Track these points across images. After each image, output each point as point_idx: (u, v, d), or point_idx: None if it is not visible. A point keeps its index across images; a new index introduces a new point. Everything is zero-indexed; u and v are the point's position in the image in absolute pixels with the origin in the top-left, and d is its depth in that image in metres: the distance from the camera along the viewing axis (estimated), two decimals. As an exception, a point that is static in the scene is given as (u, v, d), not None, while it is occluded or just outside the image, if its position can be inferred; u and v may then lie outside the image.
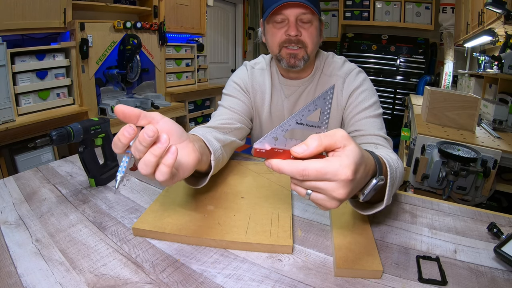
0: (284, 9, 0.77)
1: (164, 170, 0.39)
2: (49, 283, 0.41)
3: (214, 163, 0.57)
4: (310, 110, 0.39)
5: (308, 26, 0.80)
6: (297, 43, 0.80)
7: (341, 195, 0.38)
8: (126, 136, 0.38)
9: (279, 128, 0.39)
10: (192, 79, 3.09)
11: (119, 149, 0.39)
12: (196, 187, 0.57)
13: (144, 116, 0.40)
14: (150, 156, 0.38)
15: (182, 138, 0.45)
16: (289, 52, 0.81)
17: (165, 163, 0.39)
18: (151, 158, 0.38)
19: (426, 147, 1.50)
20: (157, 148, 0.38)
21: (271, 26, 0.83)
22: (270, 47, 0.87)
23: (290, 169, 0.38)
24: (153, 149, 0.38)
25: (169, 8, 2.66)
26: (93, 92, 2.16)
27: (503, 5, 1.64)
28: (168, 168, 0.39)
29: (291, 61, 0.82)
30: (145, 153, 0.38)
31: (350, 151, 0.38)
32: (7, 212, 0.58)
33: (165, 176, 0.39)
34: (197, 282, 0.42)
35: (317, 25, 0.82)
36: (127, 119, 0.39)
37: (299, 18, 0.79)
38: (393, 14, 3.93)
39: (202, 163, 0.52)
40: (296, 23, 0.79)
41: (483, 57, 2.40)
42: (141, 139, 0.37)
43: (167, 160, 0.39)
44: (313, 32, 0.81)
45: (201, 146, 0.54)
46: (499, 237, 0.53)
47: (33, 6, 1.77)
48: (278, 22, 0.80)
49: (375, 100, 0.85)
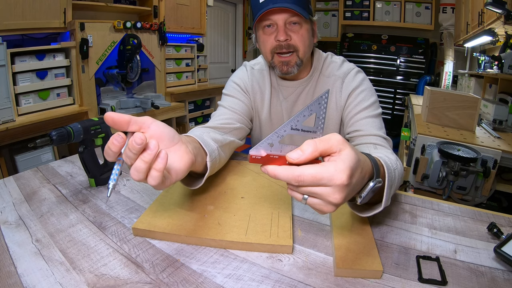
0: (270, 14, 0.76)
1: (155, 175, 0.39)
2: (49, 283, 0.41)
3: (210, 164, 0.57)
4: (305, 116, 0.39)
5: (298, 29, 0.78)
6: (288, 47, 0.79)
7: (337, 199, 0.38)
8: (116, 145, 0.38)
9: (274, 134, 0.39)
10: (192, 79, 3.09)
11: (110, 157, 0.39)
12: (192, 187, 0.58)
13: (135, 122, 0.40)
14: (140, 162, 0.38)
15: (174, 141, 0.45)
16: (281, 60, 0.81)
17: (156, 168, 0.39)
18: (142, 165, 0.38)
19: (426, 147, 1.50)
20: (147, 154, 0.38)
21: (261, 33, 0.82)
22: (263, 54, 0.86)
23: (286, 175, 0.38)
24: (143, 155, 0.38)
25: (169, 8, 2.66)
26: (93, 92, 2.16)
27: (503, 5, 1.64)
28: (159, 173, 0.39)
29: (284, 69, 0.81)
30: (135, 159, 0.38)
31: (346, 156, 0.38)
32: (7, 212, 0.58)
33: (157, 181, 0.40)
34: (197, 282, 0.42)
35: (308, 26, 0.81)
36: (117, 126, 0.39)
37: (287, 22, 0.77)
38: (393, 14, 3.93)
39: (197, 164, 0.52)
40: (285, 27, 0.77)
41: (483, 57, 2.40)
42: (130, 146, 0.37)
43: (157, 165, 0.39)
44: (304, 35, 0.79)
45: (196, 147, 0.53)
46: (499, 237, 0.53)
47: (33, 6, 1.77)
48: (268, 27, 0.79)
49: (374, 100, 0.84)
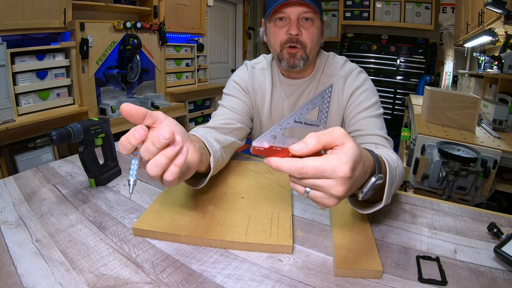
0: (285, 7, 0.77)
1: (174, 171, 0.39)
2: (49, 283, 0.41)
3: (213, 165, 0.57)
4: (308, 109, 0.39)
5: (309, 26, 0.80)
6: (297, 42, 0.80)
7: (339, 192, 0.38)
8: (137, 138, 0.37)
9: (278, 126, 0.39)
10: (192, 79, 3.09)
11: (127, 150, 0.38)
12: (195, 187, 0.58)
13: (150, 116, 0.39)
14: (161, 157, 0.37)
15: (185, 139, 0.44)
16: (290, 52, 0.81)
17: (176, 164, 0.39)
18: (163, 160, 0.37)
19: (426, 147, 1.50)
20: (170, 150, 0.37)
21: (272, 25, 0.82)
22: (271, 47, 0.86)
23: (288, 167, 0.38)
24: (166, 151, 0.37)
25: (169, 8, 2.66)
26: (93, 92, 2.16)
27: (503, 5, 1.64)
28: (178, 169, 0.39)
29: (291, 61, 0.82)
30: (155, 154, 0.38)
31: (348, 149, 0.38)
32: (7, 212, 0.58)
33: (174, 176, 0.39)
34: (197, 282, 0.42)
35: (319, 25, 0.82)
36: (133, 119, 0.38)
37: (300, 17, 0.78)
38: (393, 14, 3.93)
39: (202, 164, 0.52)
40: (298, 22, 0.78)
41: (483, 57, 2.40)
42: (155, 140, 0.36)
43: (178, 160, 0.39)
44: (314, 32, 0.81)
45: (201, 147, 0.54)
46: (499, 237, 0.53)
47: (33, 6, 1.77)
48: (280, 21, 0.80)
49: (376, 100, 0.85)
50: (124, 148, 0.38)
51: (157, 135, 0.36)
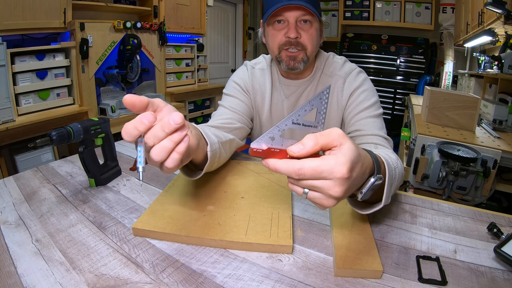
0: (283, 11, 0.77)
1: (176, 157, 0.39)
2: (49, 283, 0.41)
3: (210, 155, 0.57)
4: (306, 110, 0.39)
5: (308, 28, 0.80)
6: (297, 45, 0.80)
7: (337, 193, 0.38)
8: (146, 124, 0.37)
9: (276, 128, 0.39)
10: (192, 79, 3.09)
11: (132, 137, 0.38)
12: (191, 178, 0.58)
13: (152, 104, 0.39)
14: (168, 142, 0.38)
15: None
16: (288, 55, 0.81)
17: (178, 151, 0.39)
18: (169, 145, 0.38)
19: (426, 147, 1.50)
20: (177, 135, 0.38)
21: (270, 28, 0.83)
22: (270, 49, 0.87)
23: (287, 169, 0.38)
24: (173, 136, 0.38)
25: (169, 8, 2.66)
26: (93, 92, 2.16)
27: (503, 5, 1.64)
28: (180, 155, 0.39)
29: (291, 63, 0.82)
30: (161, 140, 0.38)
31: (346, 150, 0.38)
32: (7, 212, 0.58)
33: (176, 163, 0.39)
34: (197, 282, 0.42)
35: (317, 26, 0.82)
36: (136, 109, 0.38)
37: (299, 19, 0.78)
38: (393, 14, 3.93)
39: (198, 151, 0.52)
40: (296, 24, 0.79)
41: (483, 57, 2.40)
42: (164, 125, 0.37)
43: (180, 147, 0.39)
44: (313, 34, 0.81)
45: (197, 134, 0.53)
46: (499, 237, 0.53)
47: (33, 6, 1.77)
48: (278, 23, 0.80)
49: (376, 100, 0.85)
50: (129, 135, 0.38)
51: (168, 120, 0.36)
